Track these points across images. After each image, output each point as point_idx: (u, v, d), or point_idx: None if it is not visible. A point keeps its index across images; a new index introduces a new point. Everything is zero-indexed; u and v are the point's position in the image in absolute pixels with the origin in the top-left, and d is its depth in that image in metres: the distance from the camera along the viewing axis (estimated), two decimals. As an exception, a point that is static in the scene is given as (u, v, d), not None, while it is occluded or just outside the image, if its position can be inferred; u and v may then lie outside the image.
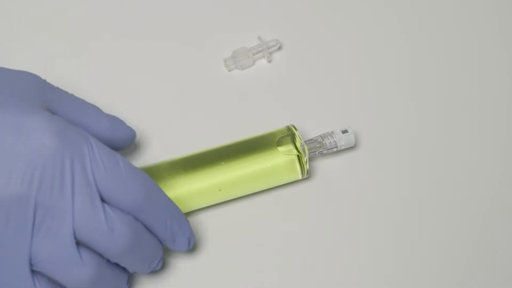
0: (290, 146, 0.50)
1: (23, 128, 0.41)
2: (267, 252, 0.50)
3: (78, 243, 0.42)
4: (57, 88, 0.47)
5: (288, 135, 0.50)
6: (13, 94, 0.43)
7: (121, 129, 0.49)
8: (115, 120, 0.49)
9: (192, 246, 0.47)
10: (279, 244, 0.50)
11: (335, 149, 0.52)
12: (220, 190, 0.49)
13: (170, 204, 0.46)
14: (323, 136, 0.52)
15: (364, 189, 0.52)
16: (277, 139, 0.50)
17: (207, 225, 0.51)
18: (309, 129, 0.54)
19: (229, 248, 0.50)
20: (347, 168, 0.53)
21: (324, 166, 0.53)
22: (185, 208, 0.49)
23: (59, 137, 0.41)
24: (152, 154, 0.52)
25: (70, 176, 0.41)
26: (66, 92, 0.48)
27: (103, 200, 0.43)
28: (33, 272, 0.41)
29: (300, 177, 0.51)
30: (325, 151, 0.52)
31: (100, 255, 0.43)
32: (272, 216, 0.51)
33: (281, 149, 0.50)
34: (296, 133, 0.50)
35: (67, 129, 0.42)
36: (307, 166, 0.50)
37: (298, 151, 0.50)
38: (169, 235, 0.46)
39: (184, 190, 0.48)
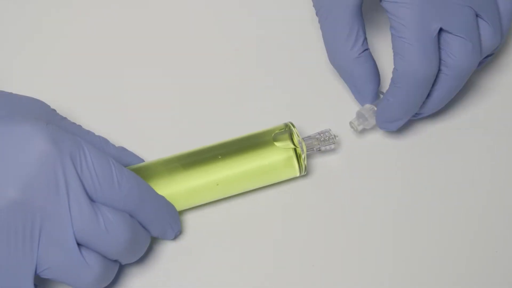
0: (288, 142, 0.50)
1: (15, 134, 0.41)
2: (265, 250, 0.49)
3: (79, 245, 0.42)
4: (65, 118, 0.48)
5: (286, 132, 0.50)
6: (14, 111, 0.44)
7: (128, 158, 0.50)
8: (122, 151, 0.50)
9: (177, 236, 0.49)
10: (277, 241, 0.50)
11: (333, 146, 0.52)
12: (217, 185, 0.49)
13: (162, 203, 0.47)
14: (321, 133, 0.52)
15: (363, 186, 0.52)
16: (273, 134, 0.50)
17: (205, 222, 0.50)
18: (308, 129, 0.54)
19: (228, 246, 0.49)
20: (346, 166, 0.53)
21: (322, 163, 0.53)
22: (183, 205, 0.49)
23: (50, 142, 0.41)
24: (151, 153, 0.52)
25: (63, 180, 0.41)
26: (74, 123, 0.49)
27: (98, 202, 0.43)
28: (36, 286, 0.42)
29: (298, 174, 0.51)
30: (323, 148, 0.52)
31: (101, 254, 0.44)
32: (270, 214, 0.51)
33: (278, 144, 0.50)
34: (294, 130, 0.50)
35: (59, 134, 0.42)
36: (305, 162, 0.50)
37: (296, 146, 0.50)
38: (160, 231, 0.47)
39: (182, 186, 0.48)
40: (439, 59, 0.49)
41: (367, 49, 0.52)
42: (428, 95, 0.51)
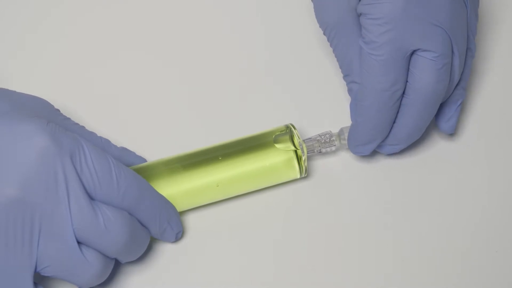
0: (288, 144, 0.50)
1: (16, 132, 0.41)
2: (265, 251, 0.49)
3: (79, 243, 0.43)
4: (68, 118, 0.49)
5: (287, 133, 0.50)
6: (17, 108, 0.44)
7: (130, 159, 0.50)
8: (124, 151, 0.50)
9: (179, 239, 0.49)
10: (277, 243, 0.50)
11: (334, 148, 0.52)
12: (218, 186, 0.49)
13: (161, 201, 0.47)
14: (321, 135, 0.52)
15: (364, 188, 0.52)
16: (274, 136, 0.50)
17: (206, 223, 0.51)
18: (309, 131, 0.54)
19: (228, 247, 0.50)
20: (346, 168, 0.53)
21: (323, 165, 0.53)
22: (183, 205, 0.49)
23: (50, 140, 0.42)
24: (152, 153, 0.52)
25: (63, 178, 0.42)
26: (77, 124, 0.49)
27: (97, 200, 0.43)
28: (35, 284, 0.42)
29: (298, 175, 0.51)
30: (324, 150, 0.52)
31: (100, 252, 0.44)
32: (271, 215, 0.51)
33: (278, 146, 0.50)
34: (295, 131, 0.50)
35: (59, 132, 0.43)
36: (305, 164, 0.50)
37: (296, 148, 0.50)
38: (159, 230, 0.47)
39: (182, 187, 0.49)
40: (405, 81, 0.47)
41: None
42: (397, 122, 0.49)
